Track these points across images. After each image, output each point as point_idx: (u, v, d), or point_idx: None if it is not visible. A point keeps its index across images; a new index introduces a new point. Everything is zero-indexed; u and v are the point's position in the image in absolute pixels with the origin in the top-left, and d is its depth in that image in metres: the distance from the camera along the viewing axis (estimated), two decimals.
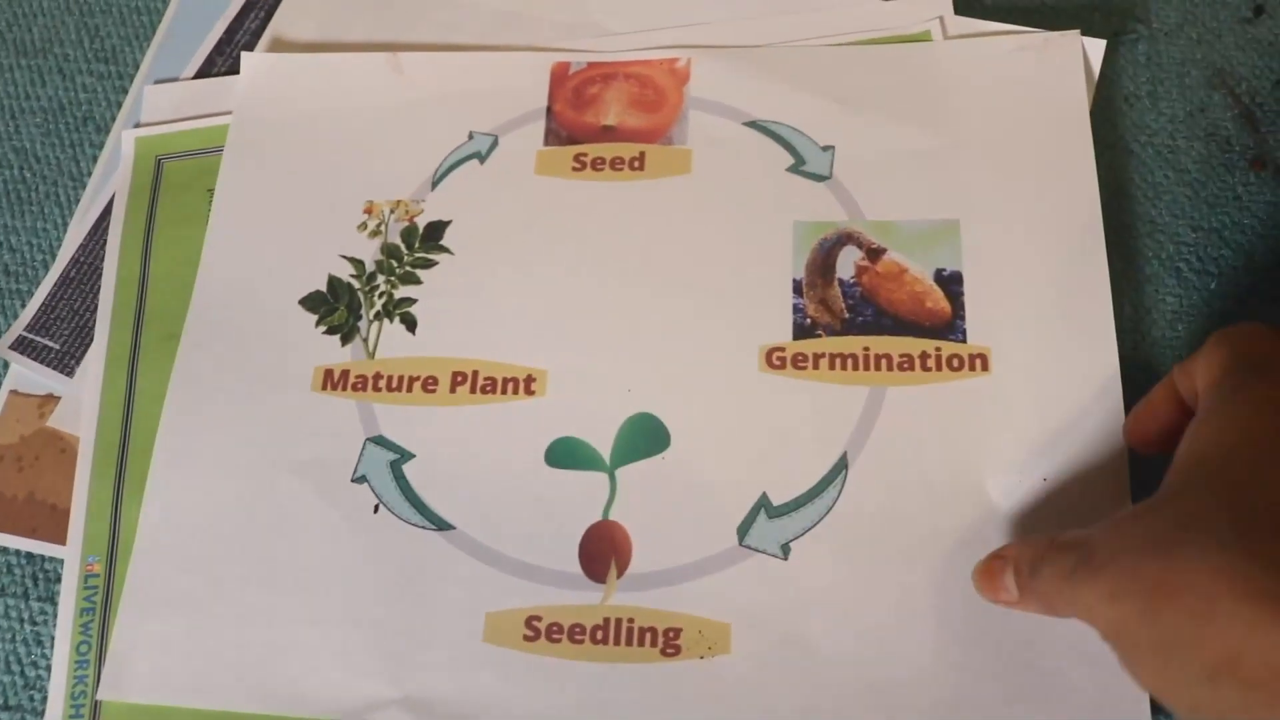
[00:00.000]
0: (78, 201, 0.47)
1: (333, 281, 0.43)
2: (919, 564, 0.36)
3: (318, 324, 0.43)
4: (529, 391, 0.40)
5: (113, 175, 0.47)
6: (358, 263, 0.43)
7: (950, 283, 0.40)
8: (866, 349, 0.39)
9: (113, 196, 0.46)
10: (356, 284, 0.43)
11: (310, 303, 0.43)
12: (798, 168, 0.43)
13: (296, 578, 0.38)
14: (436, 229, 0.44)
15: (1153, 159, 0.44)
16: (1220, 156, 0.44)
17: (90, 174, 0.48)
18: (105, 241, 0.45)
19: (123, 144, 0.47)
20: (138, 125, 0.47)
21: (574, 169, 0.44)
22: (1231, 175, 0.43)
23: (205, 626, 0.38)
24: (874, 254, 0.41)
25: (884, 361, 0.39)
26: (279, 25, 0.50)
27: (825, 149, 0.43)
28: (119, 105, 0.49)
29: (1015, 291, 0.40)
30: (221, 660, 0.37)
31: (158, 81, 0.49)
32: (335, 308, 0.43)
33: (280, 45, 0.49)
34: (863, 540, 0.37)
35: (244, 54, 0.48)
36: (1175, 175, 0.43)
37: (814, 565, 0.37)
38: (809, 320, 0.40)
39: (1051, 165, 0.41)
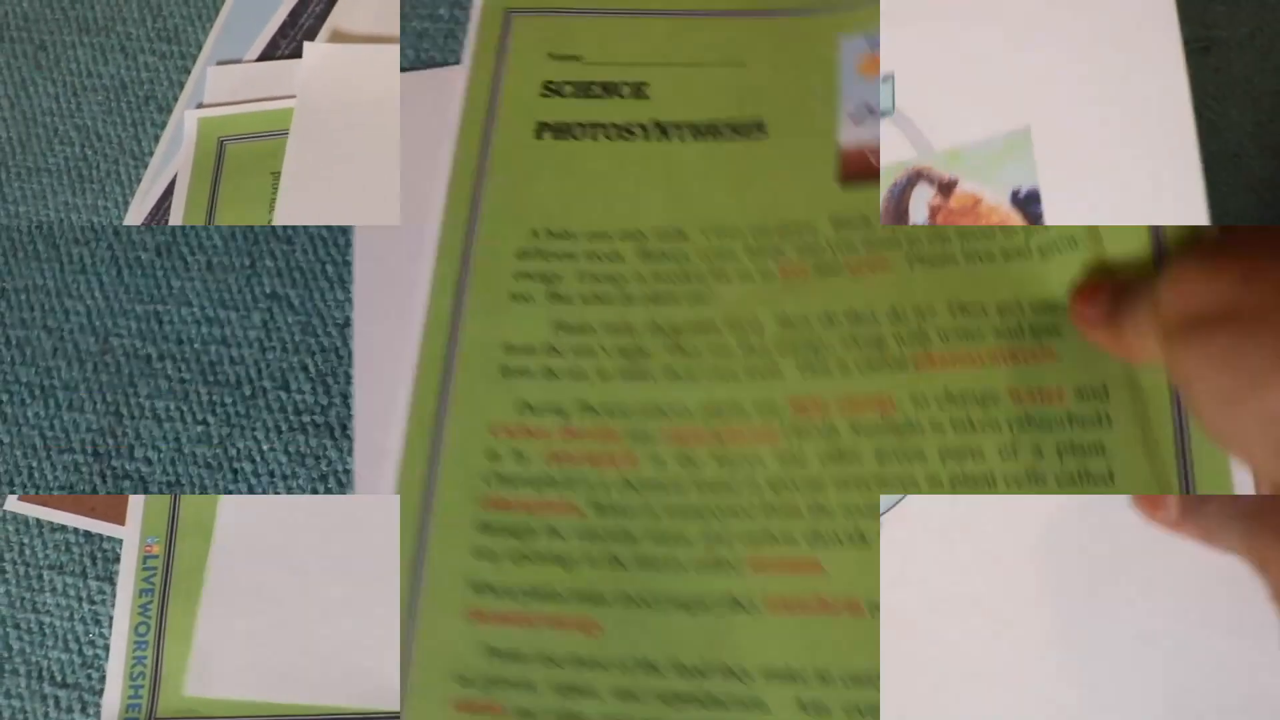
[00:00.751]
0: (139, 180, 0.47)
1: None
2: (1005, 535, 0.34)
3: None
4: None
5: (174, 155, 0.47)
6: None
7: (1028, 203, 0.37)
8: None
9: (175, 177, 0.46)
10: None
11: None
12: None
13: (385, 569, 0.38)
14: None
15: (1219, 170, 0.44)
16: None
17: (151, 153, 0.48)
18: (167, 222, 0.45)
19: (186, 124, 0.47)
20: (200, 106, 0.47)
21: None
22: None
23: (291, 621, 0.38)
24: (946, 189, 0.38)
25: None
26: (338, 17, 0.49)
27: (885, 79, 0.40)
28: (181, 85, 0.49)
29: (1097, 198, 0.36)
30: (311, 654, 0.37)
31: (220, 63, 0.49)
32: None
33: (340, 36, 0.49)
34: (944, 509, 0.35)
35: (306, 44, 0.47)
36: (1243, 187, 0.43)
37: (896, 539, 0.35)
38: None
39: (1130, 41, 0.37)
